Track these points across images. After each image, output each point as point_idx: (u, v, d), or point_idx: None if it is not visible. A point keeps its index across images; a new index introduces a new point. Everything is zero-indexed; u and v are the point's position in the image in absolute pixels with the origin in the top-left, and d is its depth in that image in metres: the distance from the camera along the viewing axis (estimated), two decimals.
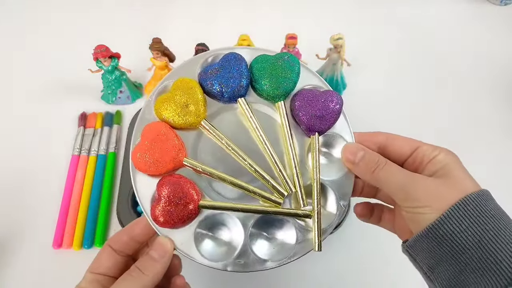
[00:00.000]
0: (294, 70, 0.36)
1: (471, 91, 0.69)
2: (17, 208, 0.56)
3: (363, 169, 0.33)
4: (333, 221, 0.35)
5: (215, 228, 0.35)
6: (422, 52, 0.74)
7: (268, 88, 0.35)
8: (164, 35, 0.60)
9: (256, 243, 0.34)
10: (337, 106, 0.35)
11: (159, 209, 0.32)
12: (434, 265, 0.29)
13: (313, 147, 0.35)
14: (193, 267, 0.35)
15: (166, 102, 0.35)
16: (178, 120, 0.35)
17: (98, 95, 0.66)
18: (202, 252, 0.33)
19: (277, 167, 0.35)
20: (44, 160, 0.60)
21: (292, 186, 0.35)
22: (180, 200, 0.32)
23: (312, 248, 0.34)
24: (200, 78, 0.36)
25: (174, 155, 0.33)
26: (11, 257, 0.52)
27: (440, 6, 0.81)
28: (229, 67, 0.35)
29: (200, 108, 0.35)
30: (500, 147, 0.61)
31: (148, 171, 0.33)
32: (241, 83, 0.35)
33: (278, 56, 0.36)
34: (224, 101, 0.36)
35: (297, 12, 0.79)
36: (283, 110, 0.36)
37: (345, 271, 0.52)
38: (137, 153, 0.34)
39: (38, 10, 0.79)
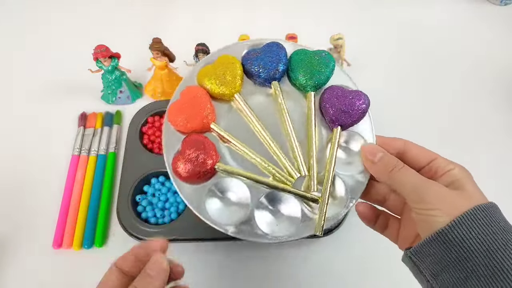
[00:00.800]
0: (329, 67, 0.39)
1: (471, 91, 0.69)
2: (17, 208, 0.56)
3: (381, 169, 0.34)
4: (339, 212, 0.36)
5: (225, 192, 0.36)
6: (422, 52, 0.74)
7: (302, 78, 0.38)
8: (164, 35, 0.60)
9: (261, 216, 0.36)
10: (363, 105, 0.38)
11: (180, 161, 0.35)
12: (439, 272, 0.29)
13: (334, 139, 0.37)
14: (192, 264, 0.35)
15: (208, 72, 0.39)
16: (215, 89, 0.38)
17: (98, 95, 0.66)
18: (209, 212, 0.35)
19: (296, 150, 0.37)
20: (44, 160, 0.60)
21: (307, 170, 0.36)
22: (200, 156, 0.35)
23: (313, 232, 0.35)
24: (243, 58, 0.40)
25: (204, 117, 0.37)
26: (11, 257, 0.52)
27: (440, 6, 0.81)
28: (270, 52, 0.39)
29: (236, 82, 0.38)
30: (501, 147, 0.61)
31: (179, 126, 0.37)
32: (278, 67, 0.38)
33: (316, 52, 0.40)
34: (260, 82, 0.39)
35: (297, 12, 0.79)
36: (312, 100, 0.39)
37: (344, 271, 0.52)
38: (173, 108, 0.38)
39: (38, 10, 0.79)
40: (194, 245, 0.53)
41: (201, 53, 0.58)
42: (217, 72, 0.38)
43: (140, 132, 0.60)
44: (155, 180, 0.56)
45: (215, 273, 0.52)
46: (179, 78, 0.65)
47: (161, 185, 0.56)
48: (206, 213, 0.35)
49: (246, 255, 0.53)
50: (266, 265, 0.52)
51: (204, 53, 0.58)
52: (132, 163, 0.57)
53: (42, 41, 0.75)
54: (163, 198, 0.55)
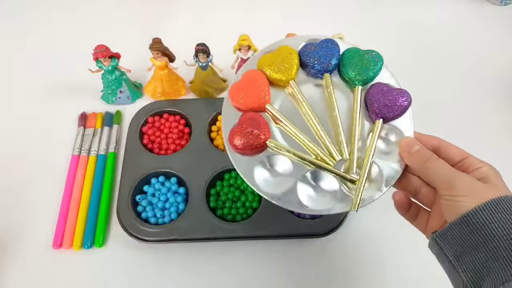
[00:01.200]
0: (377, 65, 0.43)
1: (471, 91, 0.69)
2: (17, 208, 0.56)
3: (416, 159, 0.37)
4: (373, 195, 0.39)
5: (273, 166, 0.41)
6: (422, 52, 0.74)
7: (352, 72, 0.42)
8: (164, 35, 0.60)
9: (303, 190, 0.40)
10: (405, 102, 0.41)
11: (236, 133, 0.40)
12: (461, 253, 0.32)
13: (375, 130, 0.41)
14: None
15: (268, 59, 0.43)
16: (273, 74, 0.42)
17: (98, 95, 0.66)
18: (257, 181, 0.40)
19: (340, 135, 0.41)
20: (44, 160, 0.60)
21: (348, 154, 0.40)
22: (255, 131, 0.39)
23: (348, 209, 0.39)
24: (300, 50, 0.44)
25: (261, 97, 0.41)
26: (11, 257, 0.52)
27: (440, 6, 0.81)
28: (325, 47, 0.43)
29: (292, 70, 0.42)
30: (501, 147, 0.61)
31: (238, 104, 0.41)
32: (331, 61, 0.43)
33: (367, 51, 0.43)
34: (313, 72, 0.43)
35: (297, 12, 0.79)
36: (359, 93, 0.42)
37: (344, 271, 0.52)
38: (234, 87, 0.42)
39: (38, 10, 0.79)
40: (194, 245, 0.53)
41: (201, 53, 0.58)
42: (276, 60, 0.43)
43: (140, 132, 0.60)
44: (155, 180, 0.56)
45: (215, 273, 0.52)
46: (179, 78, 0.65)
47: (161, 185, 0.56)
48: (254, 181, 0.40)
49: (246, 255, 0.53)
50: (266, 265, 0.52)
51: (204, 53, 0.58)
52: (132, 163, 0.57)
53: (42, 41, 0.75)
54: (163, 198, 0.55)
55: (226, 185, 0.56)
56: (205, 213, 0.53)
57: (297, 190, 0.39)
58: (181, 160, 0.57)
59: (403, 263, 0.52)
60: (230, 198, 0.54)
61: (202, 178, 0.55)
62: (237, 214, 0.53)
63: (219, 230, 0.52)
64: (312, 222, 0.52)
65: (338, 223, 0.52)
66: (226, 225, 0.52)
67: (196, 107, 0.63)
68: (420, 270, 0.52)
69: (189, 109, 0.62)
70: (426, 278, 0.51)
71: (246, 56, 0.60)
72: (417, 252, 0.53)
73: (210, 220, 0.52)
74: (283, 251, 0.53)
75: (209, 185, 0.55)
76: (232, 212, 0.53)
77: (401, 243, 0.54)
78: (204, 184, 0.55)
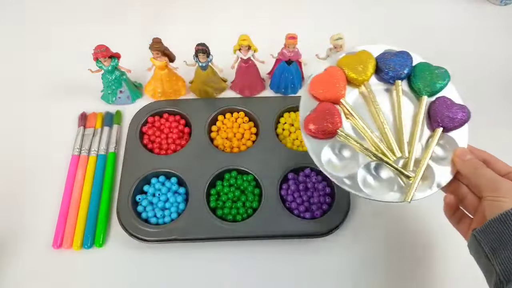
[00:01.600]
0: (445, 80, 0.49)
1: (471, 91, 0.68)
2: (17, 208, 0.56)
3: (468, 165, 0.43)
4: (425, 191, 0.44)
5: (341, 151, 0.47)
6: (422, 52, 0.73)
7: (421, 84, 0.48)
8: (164, 35, 0.60)
9: (363, 176, 0.45)
10: (464, 117, 0.47)
11: (312, 118, 0.46)
12: (498, 247, 0.36)
13: (435, 136, 0.46)
14: None
15: (348, 60, 0.49)
16: (350, 73, 0.48)
17: (98, 95, 0.66)
18: (323, 162, 0.45)
19: (403, 135, 0.46)
20: (44, 160, 0.60)
21: (407, 153, 0.45)
22: (328, 118, 0.45)
23: (402, 199, 0.44)
24: (378, 56, 0.50)
25: (338, 91, 0.47)
26: (11, 257, 0.52)
27: (440, 6, 0.81)
28: (401, 58, 0.49)
29: (368, 73, 0.48)
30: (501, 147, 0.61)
31: (317, 93, 0.47)
32: (404, 70, 0.49)
33: (437, 67, 0.50)
34: (385, 78, 0.49)
35: (297, 12, 0.79)
36: (424, 102, 0.48)
37: (343, 271, 0.52)
38: (316, 79, 0.48)
39: (38, 10, 0.79)
40: (195, 245, 0.53)
41: (201, 53, 0.58)
42: (355, 62, 0.49)
43: (140, 132, 0.61)
44: (155, 180, 0.56)
45: (216, 273, 0.52)
46: (179, 78, 0.65)
47: (161, 185, 0.56)
48: (321, 162, 0.45)
49: (246, 255, 0.53)
50: (266, 265, 0.52)
51: (204, 53, 0.58)
52: (132, 163, 0.57)
53: (42, 41, 0.75)
54: (163, 198, 0.55)
55: (226, 185, 0.56)
56: (205, 213, 0.53)
57: (358, 175, 0.45)
58: (181, 160, 0.57)
59: (403, 263, 0.52)
60: (230, 198, 0.54)
61: (202, 178, 0.55)
62: (237, 214, 0.53)
63: (219, 230, 0.52)
64: (312, 222, 0.52)
65: (338, 223, 0.52)
66: (226, 225, 0.52)
67: (196, 107, 0.63)
68: (419, 270, 0.52)
69: (189, 109, 0.62)
70: (426, 278, 0.51)
71: (246, 56, 0.60)
72: (417, 252, 0.53)
73: (210, 220, 0.52)
74: (283, 251, 0.53)
75: (209, 185, 0.55)
76: (232, 212, 0.53)
77: (401, 243, 0.54)
78: (204, 184, 0.55)
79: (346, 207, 0.53)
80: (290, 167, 0.56)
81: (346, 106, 0.47)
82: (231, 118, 0.62)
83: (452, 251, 0.53)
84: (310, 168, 0.56)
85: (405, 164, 0.45)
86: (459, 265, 0.51)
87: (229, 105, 0.63)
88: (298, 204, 0.54)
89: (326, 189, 0.55)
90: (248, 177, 0.56)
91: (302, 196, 0.54)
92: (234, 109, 0.63)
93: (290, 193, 0.55)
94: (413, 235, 0.55)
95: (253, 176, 0.56)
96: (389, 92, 0.50)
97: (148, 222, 0.53)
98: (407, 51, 0.51)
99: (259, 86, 0.66)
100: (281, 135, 0.61)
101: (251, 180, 0.56)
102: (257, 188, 0.56)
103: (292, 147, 0.59)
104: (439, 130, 0.46)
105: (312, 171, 0.56)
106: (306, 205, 0.54)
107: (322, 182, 0.56)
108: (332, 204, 0.53)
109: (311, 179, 0.56)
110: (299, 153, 0.58)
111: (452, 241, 0.51)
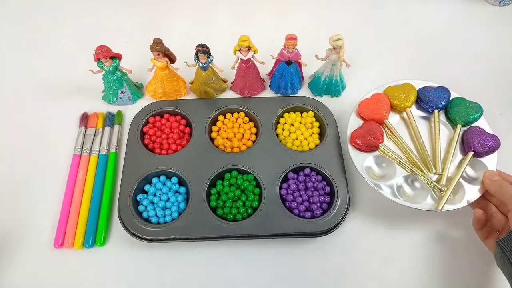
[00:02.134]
0: (478, 113, 0.57)
1: (471, 91, 0.69)
2: (19, 207, 0.56)
3: (495, 185, 0.50)
4: (454, 205, 0.51)
5: (381, 163, 0.55)
6: (422, 52, 0.74)
7: (457, 114, 0.57)
8: (164, 36, 0.60)
9: (401, 185, 0.53)
10: (494, 145, 0.54)
11: (358, 133, 0.55)
12: None
13: (467, 158, 0.54)
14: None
15: (393, 89, 0.60)
16: (394, 101, 0.59)
17: (99, 96, 0.66)
18: (365, 171, 0.53)
19: (438, 155, 0.55)
20: (46, 160, 0.60)
21: (441, 170, 0.54)
22: (371, 134, 0.54)
23: (434, 208, 0.51)
24: (420, 88, 0.60)
25: (382, 113, 0.57)
26: (13, 257, 0.52)
27: (439, 6, 0.81)
28: (440, 91, 0.59)
29: (410, 101, 0.59)
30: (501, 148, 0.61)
31: (363, 114, 0.58)
32: (442, 102, 0.58)
33: (472, 102, 0.58)
34: (425, 108, 0.59)
35: (297, 13, 0.80)
36: (458, 130, 0.57)
37: (343, 271, 0.52)
38: (364, 102, 0.58)
39: (38, 10, 0.80)
40: (195, 244, 0.53)
41: (202, 54, 0.58)
42: (399, 91, 0.59)
43: (141, 132, 0.61)
44: (156, 179, 0.56)
45: (216, 272, 0.52)
46: (179, 78, 0.65)
47: (162, 184, 0.56)
48: (364, 171, 0.53)
49: (246, 254, 0.53)
50: (266, 264, 0.52)
51: (204, 53, 0.58)
52: (133, 163, 0.57)
53: (43, 41, 0.75)
54: (164, 197, 0.55)
55: (227, 185, 0.56)
56: (206, 212, 0.53)
57: (395, 184, 0.52)
58: (182, 160, 0.58)
59: (403, 262, 0.53)
60: (230, 198, 0.55)
61: (203, 177, 0.56)
62: (238, 214, 0.54)
63: (219, 229, 0.52)
64: (312, 222, 0.52)
65: (338, 222, 0.53)
66: (227, 225, 0.52)
67: (197, 107, 0.63)
68: (419, 269, 0.52)
69: (189, 109, 0.63)
70: (425, 278, 0.52)
71: (246, 57, 0.60)
72: (417, 252, 0.54)
73: (211, 219, 0.53)
74: (283, 250, 0.53)
75: (210, 185, 0.56)
76: (232, 211, 0.53)
77: (400, 242, 0.54)
78: (205, 183, 0.55)
79: (345, 206, 0.53)
80: (290, 167, 0.57)
81: (388, 126, 0.57)
82: (232, 118, 0.62)
83: (452, 250, 0.53)
84: (310, 168, 0.57)
85: (438, 179, 0.53)
86: (459, 263, 0.52)
87: (229, 106, 0.63)
88: (298, 204, 0.54)
89: (326, 189, 0.56)
90: (248, 176, 0.56)
91: (302, 196, 0.55)
92: (235, 109, 0.63)
93: (290, 192, 0.55)
94: (413, 234, 0.55)
95: (253, 175, 0.56)
96: (428, 119, 0.59)
97: (149, 222, 0.53)
98: (446, 87, 0.59)
99: (259, 86, 0.66)
100: (281, 135, 0.61)
101: (251, 179, 0.56)
102: (257, 187, 0.56)
103: (292, 147, 0.60)
104: (471, 154, 0.54)
105: (312, 170, 0.57)
106: (306, 205, 0.54)
107: (322, 181, 0.56)
108: (332, 203, 0.54)
109: (311, 179, 0.56)
110: (299, 153, 0.58)
111: (452, 241, 0.51)
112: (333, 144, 0.59)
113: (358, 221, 0.55)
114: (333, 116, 0.62)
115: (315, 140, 0.60)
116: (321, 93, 0.67)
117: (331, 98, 0.67)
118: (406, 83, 0.60)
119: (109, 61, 0.59)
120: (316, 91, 0.67)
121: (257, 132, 0.62)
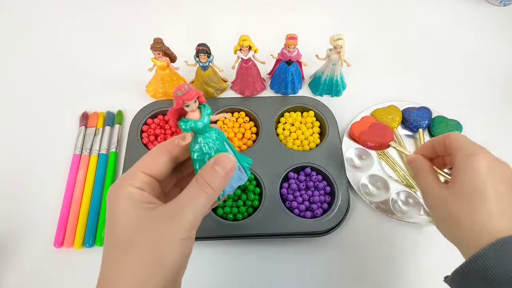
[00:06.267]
0: (457, 130, 0.61)
1: (471, 92, 0.69)
2: (19, 207, 0.56)
3: (412, 172, 0.45)
4: None
5: (376, 181, 0.58)
6: (422, 52, 0.74)
7: (439, 132, 0.61)
8: (165, 35, 0.60)
9: (396, 200, 0.56)
10: None
11: (367, 132, 0.55)
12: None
13: None
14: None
15: (379, 112, 0.63)
16: (382, 120, 0.62)
17: (100, 95, 0.66)
18: (363, 185, 0.57)
19: None
20: (46, 159, 0.60)
21: None
22: (380, 132, 0.54)
23: (426, 222, 0.54)
24: (404, 110, 0.64)
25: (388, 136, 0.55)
26: (13, 256, 0.52)
27: (439, 6, 0.81)
28: (422, 111, 0.63)
29: (395, 122, 0.62)
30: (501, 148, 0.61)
31: (353, 135, 0.61)
32: (425, 121, 0.62)
33: (451, 120, 0.62)
34: (410, 127, 0.63)
35: (297, 13, 0.80)
36: None
37: (343, 270, 0.52)
38: (355, 125, 0.61)
39: (37, 9, 0.80)
40: (195, 244, 0.53)
41: (202, 53, 0.58)
42: (386, 113, 0.63)
43: (142, 132, 0.61)
44: None
45: (216, 272, 0.52)
46: (180, 78, 0.65)
47: None
48: (361, 191, 0.56)
49: (246, 254, 0.53)
50: (266, 263, 0.52)
51: (205, 53, 0.58)
52: (133, 162, 0.57)
53: (44, 41, 0.75)
54: None
55: None
56: None
57: (390, 200, 0.55)
58: None
59: (404, 261, 0.53)
60: (231, 197, 0.55)
61: None
62: (238, 213, 0.54)
63: (220, 228, 0.52)
64: (313, 221, 0.52)
65: (338, 222, 0.53)
66: (227, 224, 0.52)
67: None
68: (418, 269, 0.52)
69: None
70: (425, 277, 0.51)
71: (246, 56, 0.60)
72: (417, 252, 0.54)
73: (211, 218, 0.52)
74: (284, 249, 0.53)
75: None
76: (233, 211, 0.53)
77: (400, 242, 0.54)
78: None
79: (346, 206, 0.53)
80: (290, 167, 0.57)
81: (396, 134, 0.62)
82: (232, 118, 0.62)
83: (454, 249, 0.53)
84: (310, 167, 0.57)
85: None
86: None
87: (229, 105, 0.63)
88: (299, 203, 0.54)
89: (326, 188, 0.56)
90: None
91: (303, 195, 0.55)
92: (235, 109, 0.63)
93: (291, 192, 0.55)
94: (413, 234, 0.55)
95: (253, 175, 0.56)
96: (413, 138, 0.63)
97: None
98: (427, 107, 0.63)
99: (259, 86, 0.66)
100: (281, 134, 0.61)
101: (252, 179, 0.56)
102: (257, 187, 0.56)
103: (292, 147, 0.60)
104: None
105: (313, 170, 0.57)
106: (306, 204, 0.54)
107: (323, 181, 0.56)
108: (332, 203, 0.54)
109: (311, 178, 0.56)
110: (299, 153, 0.58)
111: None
112: (333, 144, 0.59)
113: (358, 221, 0.55)
114: (334, 116, 0.62)
115: (316, 140, 0.60)
116: (321, 93, 0.67)
117: (331, 98, 0.67)
118: (391, 105, 0.64)
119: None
120: (317, 90, 0.67)
121: (257, 131, 0.62)
